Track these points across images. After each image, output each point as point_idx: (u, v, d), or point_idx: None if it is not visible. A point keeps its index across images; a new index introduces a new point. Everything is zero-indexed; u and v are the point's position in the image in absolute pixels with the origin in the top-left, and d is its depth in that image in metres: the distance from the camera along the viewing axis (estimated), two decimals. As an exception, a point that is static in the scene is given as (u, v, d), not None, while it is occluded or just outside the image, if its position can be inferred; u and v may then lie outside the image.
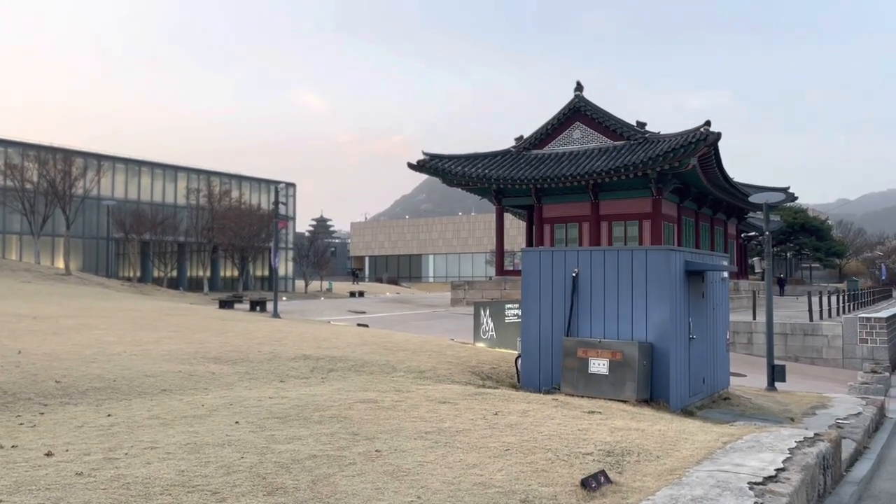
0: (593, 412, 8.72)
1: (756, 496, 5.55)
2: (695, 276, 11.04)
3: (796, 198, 45.36)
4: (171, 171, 67.30)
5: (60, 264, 52.08)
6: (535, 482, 5.58)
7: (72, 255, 49.69)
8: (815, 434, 8.01)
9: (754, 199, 14.39)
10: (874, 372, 17.13)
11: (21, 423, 7.09)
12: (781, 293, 48.55)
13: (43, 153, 49.70)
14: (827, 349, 21.29)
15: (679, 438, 7.47)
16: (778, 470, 6.36)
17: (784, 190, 43.05)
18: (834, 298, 25.93)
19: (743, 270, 45.80)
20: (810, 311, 22.88)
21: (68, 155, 50.24)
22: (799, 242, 70.25)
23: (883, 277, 64.82)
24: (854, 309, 28.99)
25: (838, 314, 24.53)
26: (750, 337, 22.27)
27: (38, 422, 7.19)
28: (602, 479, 5.71)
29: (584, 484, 5.53)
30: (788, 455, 6.89)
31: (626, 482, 5.77)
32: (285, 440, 6.57)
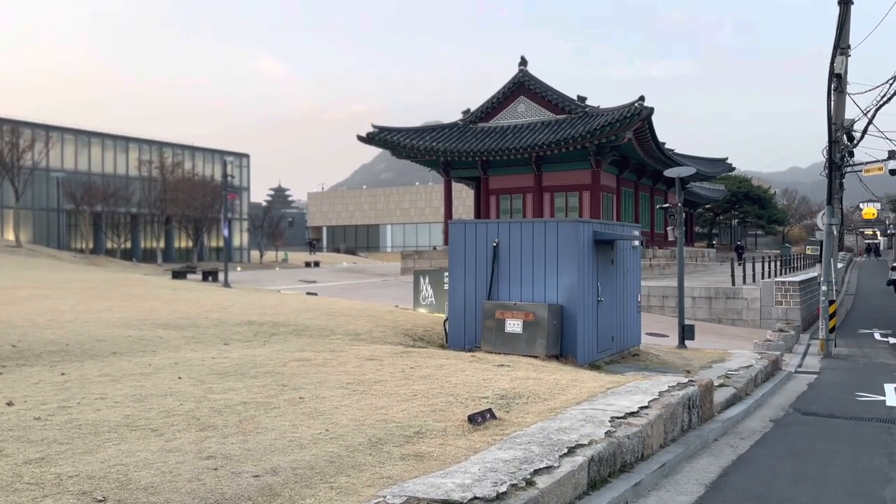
0: (503, 365, 9.84)
1: (612, 426, 6.71)
2: (604, 244, 12.19)
3: (734, 168, 47.27)
4: (123, 142, 66.46)
5: (10, 236, 51.56)
6: (430, 419, 6.64)
7: (22, 227, 49.22)
8: (689, 380, 9.24)
9: (668, 172, 15.55)
10: (781, 331, 18.72)
11: (-18, 382, 7.90)
12: (739, 260, 50.54)
13: (-12, 124, 48.92)
14: (746, 311, 22.92)
15: (570, 385, 8.62)
16: (641, 407, 7.54)
17: (722, 161, 44.85)
18: (759, 265, 27.57)
19: (688, 238, 47.62)
20: (733, 276, 24.50)
21: (16, 126, 49.54)
22: (743, 210, 72.86)
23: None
24: (783, 274, 30.76)
25: (762, 279, 26.19)
26: (678, 301, 23.75)
27: (-2, 380, 8.01)
28: (488, 415, 6.80)
29: (471, 419, 6.61)
30: (656, 397, 8.08)
31: (510, 418, 6.87)
32: (221, 391, 7.52)
